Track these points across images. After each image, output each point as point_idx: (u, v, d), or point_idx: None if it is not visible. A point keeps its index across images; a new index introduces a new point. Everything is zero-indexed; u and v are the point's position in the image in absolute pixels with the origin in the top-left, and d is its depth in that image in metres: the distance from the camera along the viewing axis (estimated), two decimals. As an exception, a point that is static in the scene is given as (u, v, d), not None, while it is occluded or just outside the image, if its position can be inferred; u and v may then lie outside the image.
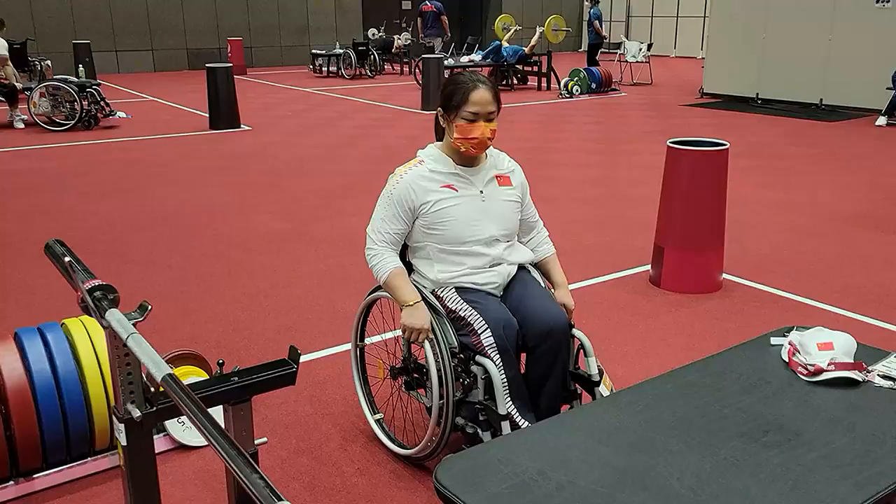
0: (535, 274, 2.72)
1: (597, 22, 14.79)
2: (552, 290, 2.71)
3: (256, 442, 1.97)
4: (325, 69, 17.18)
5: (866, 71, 10.61)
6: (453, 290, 2.56)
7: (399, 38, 17.47)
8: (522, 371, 2.59)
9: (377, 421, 2.89)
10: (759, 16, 12.01)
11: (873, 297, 4.30)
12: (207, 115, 10.26)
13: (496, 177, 2.63)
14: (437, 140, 2.68)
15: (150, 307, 1.86)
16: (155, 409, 1.83)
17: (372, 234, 2.62)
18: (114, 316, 1.76)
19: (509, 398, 2.42)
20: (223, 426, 1.97)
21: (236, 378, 1.90)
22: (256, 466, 1.18)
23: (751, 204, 6.29)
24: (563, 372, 2.56)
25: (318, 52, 17.28)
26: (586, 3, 15.08)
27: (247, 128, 10.24)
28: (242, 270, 4.81)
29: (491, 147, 2.62)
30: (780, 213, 6.03)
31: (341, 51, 16.76)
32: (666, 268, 4.42)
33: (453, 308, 2.51)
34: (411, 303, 2.51)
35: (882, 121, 10.01)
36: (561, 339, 2.52)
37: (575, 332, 2.63)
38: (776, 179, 7.12)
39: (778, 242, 5.30)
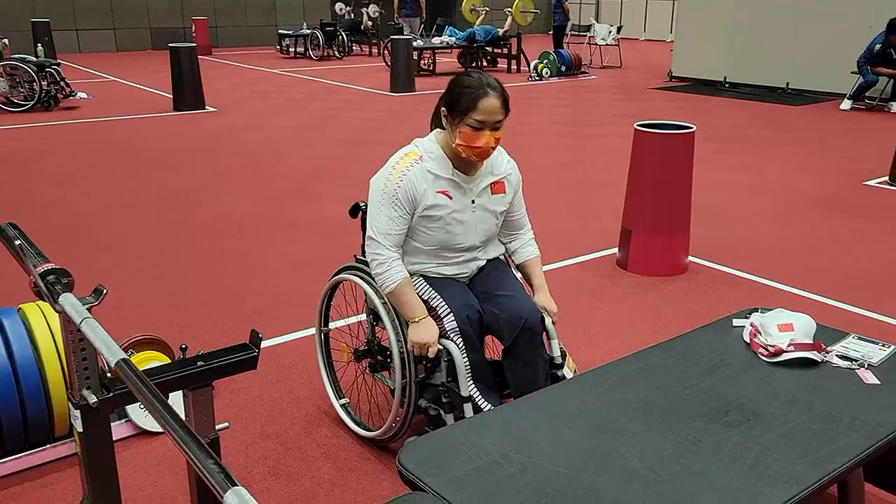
0: (504, 265, 2.69)
1: (566, 3, 14.76)
2: (533, 293, 2.65)
3: (218, 427, 1.95)
4: (292, 50, 16.95)
5: (832, 56, 10.75)
6: (420, 277, 2.53)
7: (367, 11, 17.25)
8: (496, 358, 2.59)
9: (342, 405, 2.88)
10: (727, 0, 12.09)
11: (837, 279, 4.37)
12: (171, 97, 10.07)
13: (491, 184, 2.52)
14: (433, 128, 2.53)
15: (105, 291, 1.81)
16: (112, 394, 1.80)
17: (378, 237, 2.40)
18: (67, 300, 1.72)
19: (472, 380, 2.42)
20: (184, 411, 1.95)
21: (196, 363, 1.87)
22: (211, 452, 1.16)
23: (718, 187, 6.35)
24: (545, 366, 2.54)
25: (285, 32, 17.04)
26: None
27: (212, 109, 10.07)
28: (209, 254, 4.75)
29: None
30: (746, 196, 6.10)
31: (308, 31, 16.54)
32: (633, 251, 4.45)
33: (419, 293, 2.48)
34: (418, 318, 2.39)
35: (847, 105, 10.16)
36: (536, 331, 2.48)
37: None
38: (743, 163, 7.20)
39: (744, 225, 5.36)
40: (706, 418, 1.93)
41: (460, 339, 2.40)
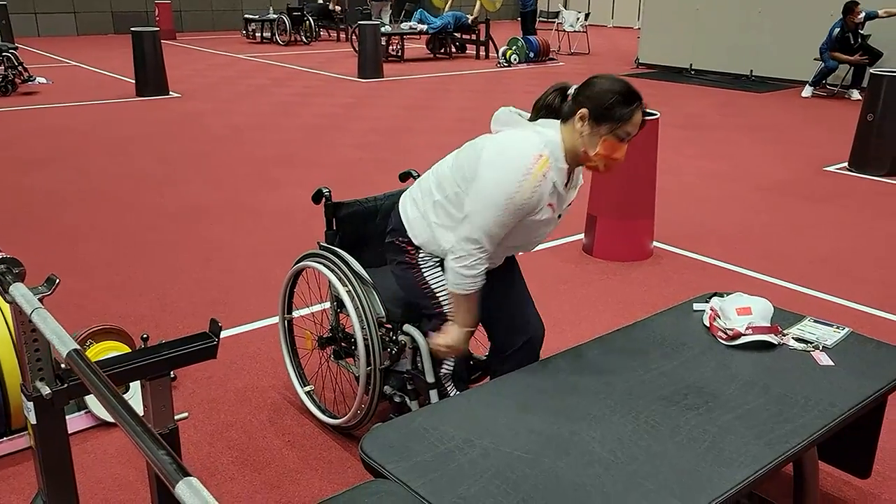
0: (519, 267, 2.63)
1: None
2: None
3: (177, 417, 1.92)
4: (258, 35, 16.71)
5: (794, 43, 10.89)
6: (439, 264, 2.36)
7: None
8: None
9: (307, 393, 2.86)
10: (692, -13, 12.17)
11: (797, 263, 4.45)
12: (134, 82, 9.88)
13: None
14: (532, 118, 2.23)
15: (57, 280, 1.78)
16: (66, 386, 1.76)
17: (483, 239, 2.17)
18: (18, 290, 1.68)
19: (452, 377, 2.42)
20: (142, 401, 1.92)
21: (154, 352, 1.84)
22: (163, 442, 1.15)
23: (683, 173, 6.41)
24: None
25: (252, 16, 16.79)
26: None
27: (176, 95, 9.91)
28: (172, 242, 4.68)
29: None
30: (710, 182, 6.17)
31: (275, 16, 16.32)
32: (598, 236, 4.48)
33: (430, 283, 2.36)
34: (470, 329, 2.30)
35: (808, 91, 10.31)
36: (536, 348, 2.48)
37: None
38: (707, 149, 7.28)
39: (707, 211, 5.43)
40: (665, 401, 1.96)
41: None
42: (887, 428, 2.77)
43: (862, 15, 9.62)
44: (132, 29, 9.70)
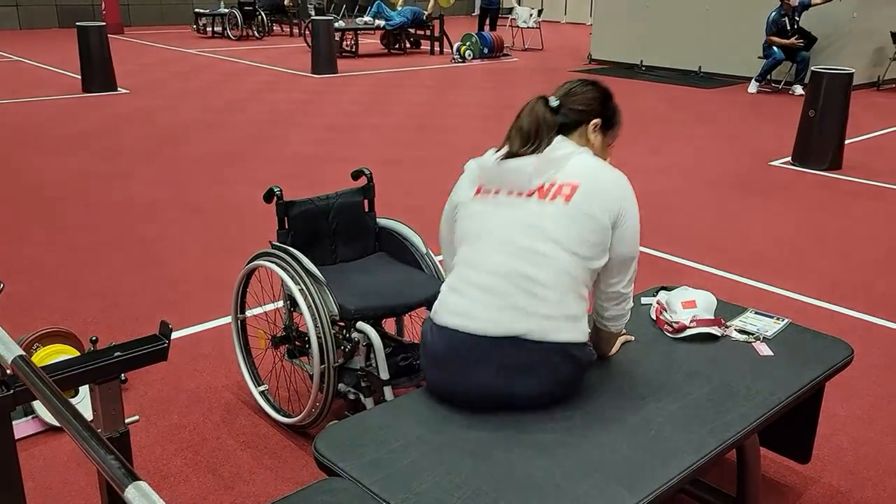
0: None
1: None
2: None
3: (128, 420, 1.90)
4: (209, 29, 16.44)
5: (740, 40, 11.14)
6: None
7: None
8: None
9: (261, 392, 2.85)
10: (642, -16, 12.36)
11: (742, 255, 4.57)
12: (80, 77, 9.64)
13: None
14: (543, 138, 2.00)
15: (2, 285, 1.74)
16: (11, 392, 1.73)
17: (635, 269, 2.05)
18: (-41, 295, 1.64)
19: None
20: (91, 406, 1.90)
21: (103, 356, 1.82)
22: (111, 447, 1.14)
23: (631, 169, 6.53)
24: None
25: (202, 11, 16.50)
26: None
27: (124, 91, 9.70)
28: (121, 242, 4.60)
29: None
30: (659, 177, 6.29)
31: (226, 10, 16.07)
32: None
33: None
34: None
35: (754, 87, 10.57)
36: None
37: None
38: (656, 145, 7.42)
39: (657, 205, 5.54)
40: (613, 393, 2.01)
41: None
42: (826, 414, 2.88)
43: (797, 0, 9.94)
44: (77, 24, 9.46)
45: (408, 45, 14.64)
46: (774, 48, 10.20)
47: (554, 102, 2.03)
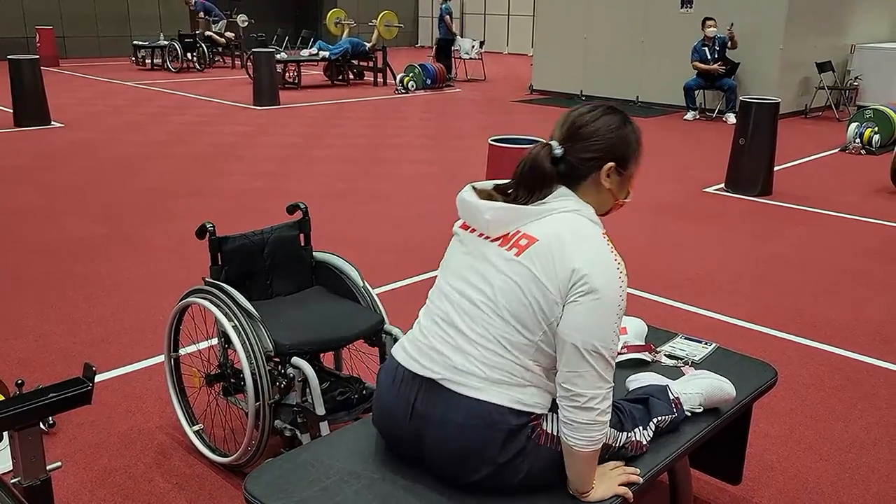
0: None
1: (448, 17, 14.93)
2: None
3: (49, 467, 1.85)
4: (148, 61, 16.24)
5: (674, 70, 11.52)
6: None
7: (237, 20, 16.84)
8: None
9: (196, 432, 2.79)
10: (580, 17, 12.70)
11: (677, 280, 4.69)
12: (11, 111, 9.40)
13: None
14: (540, 190, 1.75)
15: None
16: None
17: (612, 366, 1.67)
18: None
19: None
20: (11, 453, 1.83)
21: (21, 401, 1.76)
22: (21, 499, 1.11)
23: (572, 196, 6.65)
24: None
25: (141, 43, 16.30)
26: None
27: (59, 125, 9.49)
28: (51, 280, 4.46)
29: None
30: (598, 204, 6.41)
31: (166, 42, 15.92)
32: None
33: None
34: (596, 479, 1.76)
35: (690, 116, 10.93)
36: None
37: (389, 327, 2.67)
38: (595, 172, 7.56)
39: (595, 232, 5.64)
40: (546, 422, 2.02)
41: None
42: (757, 435, 2.95)
43: (713, 30, 10.48)
44: (9, 56, 9.25)
45: (351, 77, 14.70)
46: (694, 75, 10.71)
47: (558, 151, 1.75)
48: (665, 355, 2.37)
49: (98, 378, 3.33)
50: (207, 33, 16.36)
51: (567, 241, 1.64)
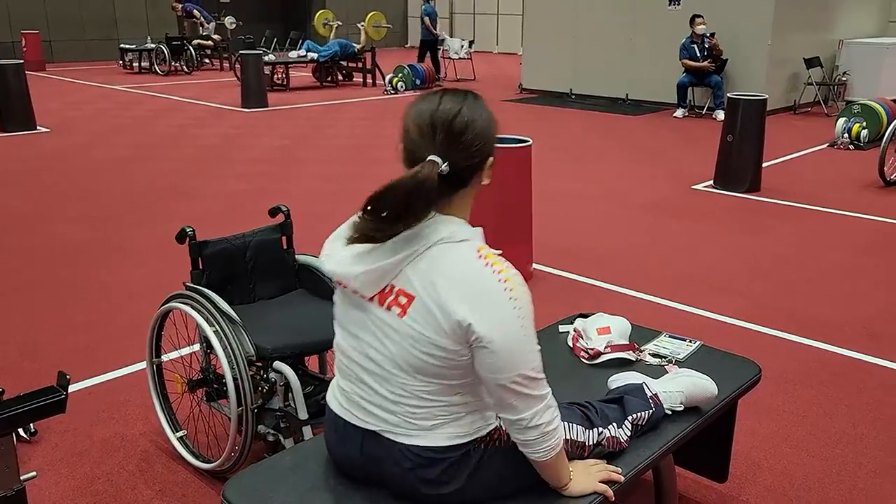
0: None
1: (427, 19, 14.93)
2: None
3: (23, 477, 1.82)
4: (136, 65, 16.16)
5: (663, 67, 11.53)
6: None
7: (224, 21, 16.78)
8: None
9: (179, 438, 2.77)
10: (569, 16, 12.70)
11: (666, 278, 4.68)
12: (-2, 116, 9.34)
13: None
14: (417, 218, 1.53)
15: None
16: None
17: (542, 377, 1.58)
18: None
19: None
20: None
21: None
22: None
23: (562, 196, 6.64)
24: None
25: (128, 46, 16.22)
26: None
27: (45, 129, 9.43)
28: (40, 286, 4.43)
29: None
30: (588, 203, 6.41)
31: (153, 45, 15.85)
32: (479, 260, 4.56)
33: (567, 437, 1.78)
34: (572, 472, 1.73)
35: (680, 113, 10.94)
36: None
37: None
38: (586, 171, 7.57)
39: (585, 232, 5.64)
40: (529, 424, 2.01)
41: None
42: (744, 432, 2.94)
43: (703, 27, 10.51)
44: (-6, 61, 9.20)
45: (340, 78, 14.67)
46: (684, 72, 10.72)
47: (445, 168, 1.50)
48: (649, 354, 2.36)
49: (82, 384, 3.31)
50: (196, 41, 16.33)
51: (442, 288, 1.49)
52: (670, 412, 2.02)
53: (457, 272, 1.50)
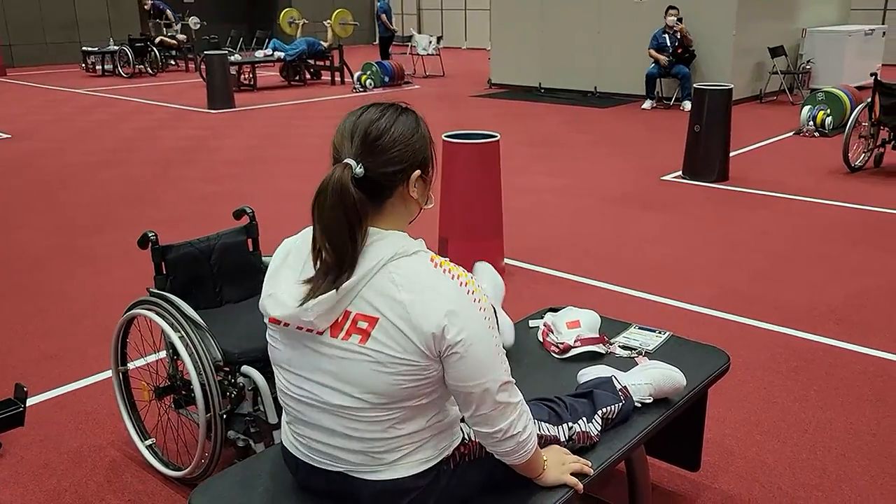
0: None
1: (384, 15, 14.89)
2: None
3: (-17, 494, 1.77)
4: (99, 67, 15.90)
5: (631, 60, 11.60)
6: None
7: (188, 22, 16.56)
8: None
9: (148, 446, 2.72)
10: (536, 10, 12.71)
11: (638, 269, 4.70)
12: (-43, 123, 9.15)
13: None
14: (360, 228, 1.50)
15: None
16: None
17: (512, 386, 1.57)
18: None
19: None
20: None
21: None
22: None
23: (533, 190, 6.65)
24: None
25: (90, 49, 15.94)
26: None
27: (5, 136, 9.23)
28: (1, 295, 4.33)
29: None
30: (558, 197, 6.43)
31: (116, 47, 15.60)
32: (451, 258, 4.55)
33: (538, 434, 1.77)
34: (546, 460, 1.73)
35: (648, 104, 11.02)
36: None
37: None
38: (557, 165, 7.59)
39: (556, 225, 5.65)
40: (500, 420, 2.00)
41: None
42: (715, 420, 2.97)
43: (673, 19, 10.64)
44: (-49, 66, 8.98)
45: (308, 77, 14.56)
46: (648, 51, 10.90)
47: (359, 170, 1.49)
48: (619, 346, 2.36)
49: (47, 395, 3.24)
50: (159, 39, 16.09)
51: (408, 302, 1.46)
52: (640, 405, 2.02)
53: (419, 285, 1.48)
